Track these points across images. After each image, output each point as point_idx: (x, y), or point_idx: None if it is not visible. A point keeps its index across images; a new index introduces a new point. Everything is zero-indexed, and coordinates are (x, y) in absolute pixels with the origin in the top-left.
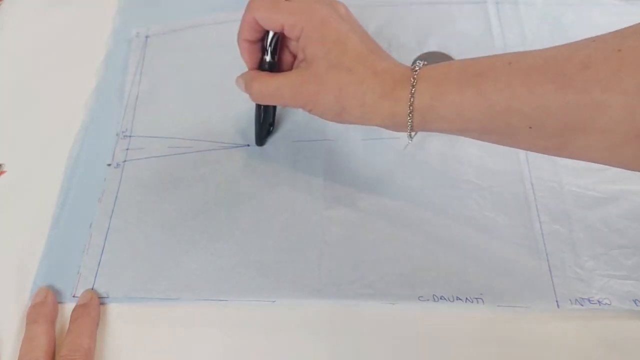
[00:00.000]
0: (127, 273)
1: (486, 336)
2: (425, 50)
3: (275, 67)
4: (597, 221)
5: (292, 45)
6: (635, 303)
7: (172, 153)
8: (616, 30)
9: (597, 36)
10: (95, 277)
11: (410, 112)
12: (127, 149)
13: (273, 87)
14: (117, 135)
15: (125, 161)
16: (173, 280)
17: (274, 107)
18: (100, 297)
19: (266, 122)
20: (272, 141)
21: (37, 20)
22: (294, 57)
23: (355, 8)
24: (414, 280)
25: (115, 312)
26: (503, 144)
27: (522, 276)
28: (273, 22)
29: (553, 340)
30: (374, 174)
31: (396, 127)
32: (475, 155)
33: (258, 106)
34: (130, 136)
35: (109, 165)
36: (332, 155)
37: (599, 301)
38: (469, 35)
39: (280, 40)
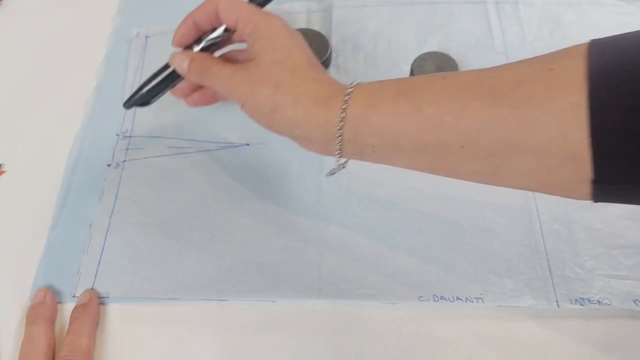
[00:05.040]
0: (127, 273)
1: (486, 336)
2: (425, 50)
3: None
4: (597, 221)
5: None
6: (635, 303)
7: (172, 153)
8: (549, 53)
9: (532, 57)
10: (95, 277)
11: (341, 121)
12: (127, 149)
13: (226, 73)
14: (117, 135)
15: (125, 161)
16: (173, 280)
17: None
18: (99, 297)
19: (155, 94)
20: (273, 140)
21: (37, 20)
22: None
23: (355, 8)
24: (414, 280)
25: (115, 312)
26: (437, 171)
27: (522, 276)
28: (232, 15)
29: (553, 340)
30: (373, 173)
31: (326, 141)
32: None
33: (169, 78)
34: (130, 136)
35: (109, 165)
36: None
37: (599, 301)
38: (469, 35)
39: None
